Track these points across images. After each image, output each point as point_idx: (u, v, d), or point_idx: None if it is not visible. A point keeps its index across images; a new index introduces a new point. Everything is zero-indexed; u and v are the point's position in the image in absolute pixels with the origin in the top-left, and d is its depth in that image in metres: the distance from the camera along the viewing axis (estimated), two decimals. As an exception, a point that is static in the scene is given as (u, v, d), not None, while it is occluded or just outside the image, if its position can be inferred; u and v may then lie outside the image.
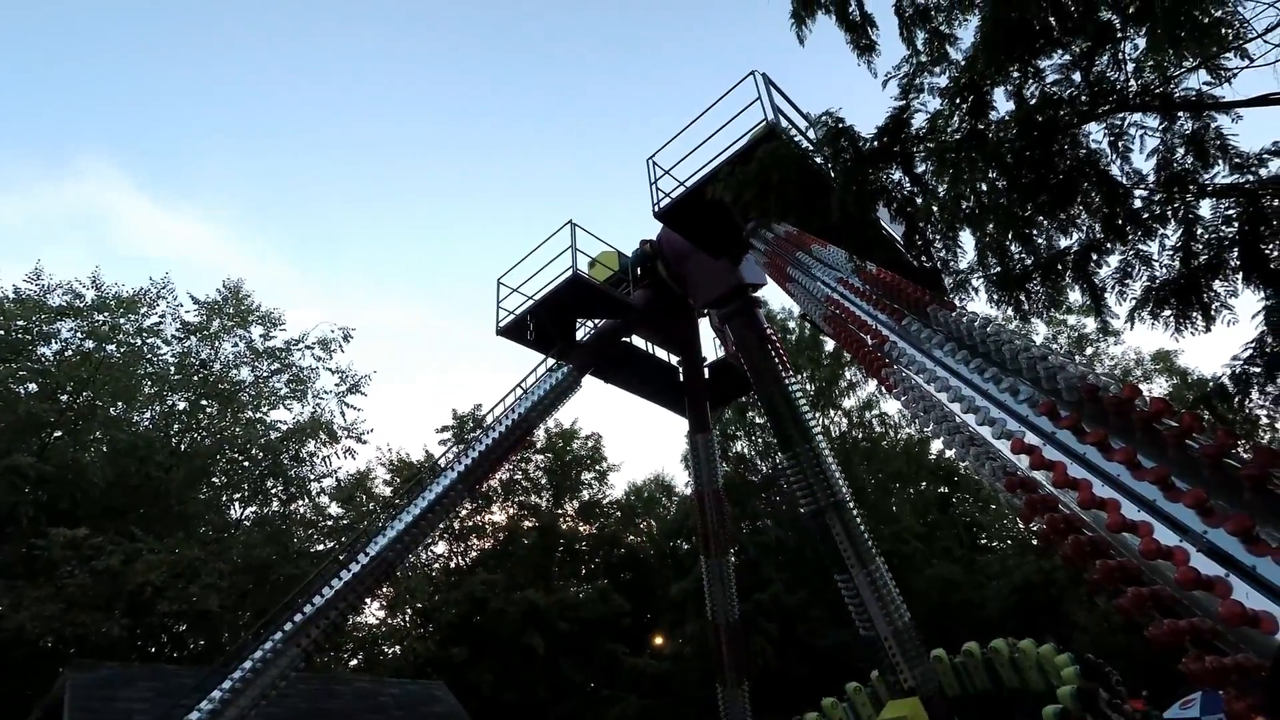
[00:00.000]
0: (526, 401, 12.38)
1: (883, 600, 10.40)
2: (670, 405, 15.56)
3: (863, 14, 7.27)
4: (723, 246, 11.73)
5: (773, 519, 29.05)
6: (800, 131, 9.36)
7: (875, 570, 10.59)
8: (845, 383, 30.33)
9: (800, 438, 11.57)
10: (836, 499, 11.03)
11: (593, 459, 33.72)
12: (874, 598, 10.37)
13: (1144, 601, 2.76)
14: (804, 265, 7.99)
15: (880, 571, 10.65)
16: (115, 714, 11.58)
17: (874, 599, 10.37)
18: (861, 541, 10.85)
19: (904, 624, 10.32)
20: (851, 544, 10.78)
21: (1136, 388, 3.30)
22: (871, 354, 5.55)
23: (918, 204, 5.89)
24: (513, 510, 31.42)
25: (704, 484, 14.94)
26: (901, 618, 10.38)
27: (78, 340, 20.04)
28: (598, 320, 13.88)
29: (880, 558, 10.91)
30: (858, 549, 10.73)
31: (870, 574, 10.52)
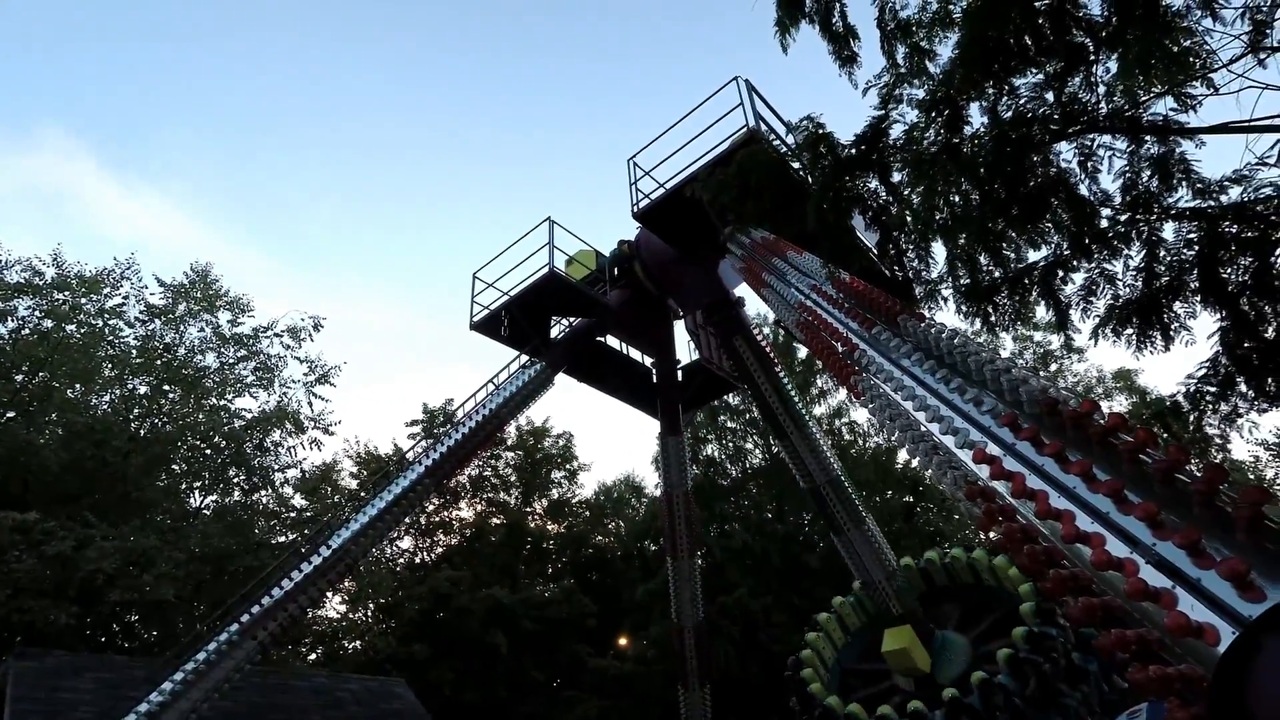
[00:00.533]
0: (498, 397, 12.31)
1: (875, 551, 12.34)
2: (643, 407, 15.58)
3: (846, 25, 7.35)
4: (700, 250, 11.78)
5: (741, 523, 29.22)
6: (780, 138, 9.43)
7: (867, 529, 12.47)
8: (816, 390, 30.61)
9: (794, 426, 12.89)
10: (831, 477, 12.73)
11: (563, 458, 33.60)
12: (868, 550, 12.33)
13: (1094, 611, 2.82)
14: (779, 271, 8.05)
15: (871, 529, 12.53)
16: (60, 704, 11.25)
17: (868, 551, 12.33)
18: (854, 508, 12.60)
19: (893, 567, 12.34)
20: (846, 511, 12.53)
21: (1094, 403, 3.37)
22: (842, 361, 5.61)
23: (893, 213, 5.96)
24: (481, 507, 31.18)
25: (674, 486, 14.98)
26: (891, 563, 12.38)
27: (36, 319, 19.46)
28: (573, 319, 13.84)
29: (870, 516, 12.82)
30: (851, 514, 12.53)
31: (863, 532, 12.43)
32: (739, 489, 30.91)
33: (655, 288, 13.51)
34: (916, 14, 7.28)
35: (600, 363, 14.75)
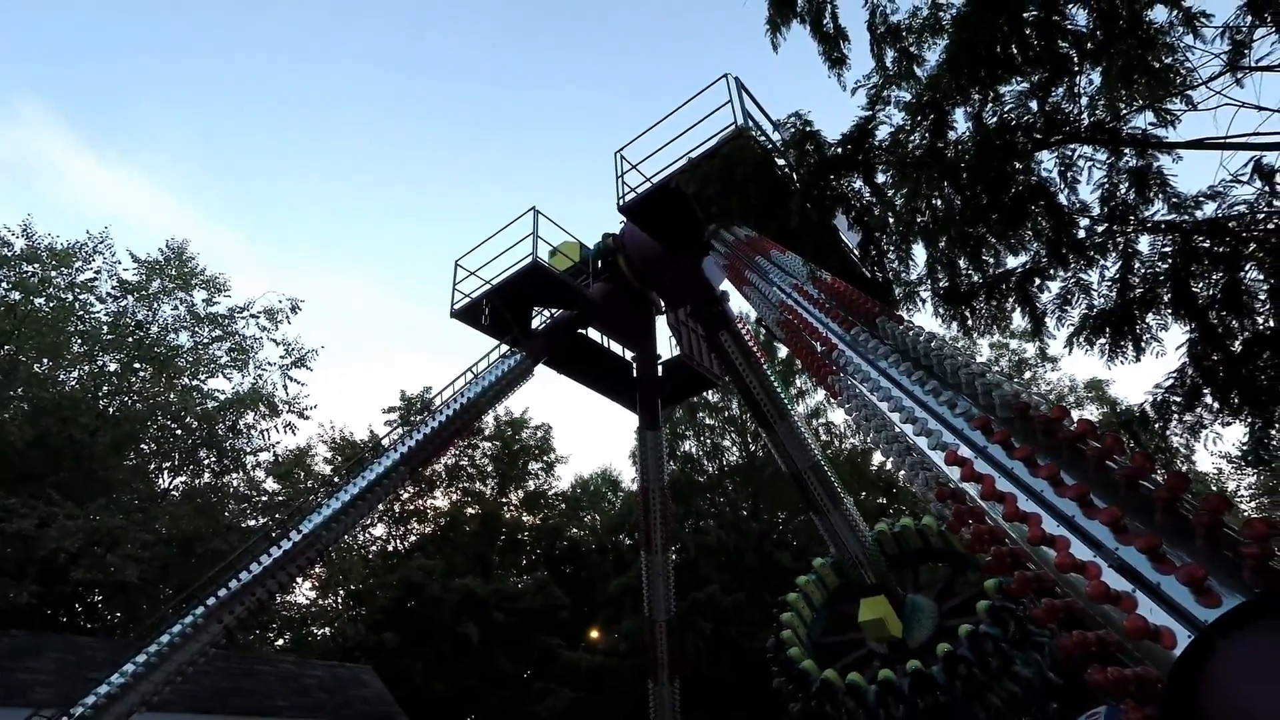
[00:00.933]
0: (476, 386, 12.22)
1: (853, 529, 12.98)
2: (622, 400, 15.56)
3: (836, 27, 7.37)
4: (684, 246, 11.76)
5: (716, 520, 29.35)
6: (767, 136, 9.45)
7: (845, 510, 13.10)
8: (795, 390, 30.79)
9: (778, 416, 13.37)
10: (812, 462, 13.25)
11: (541, 449, 33.51)
12: (846, 528, 12.97)
13: (1056, 612, 2.86)
14: (762, 270, 8.06)
15: (849, 509, 13.19)
16: (17, 684, 11.03)
17: (846, 529, 12.97)
18: (834, 491, 13.17)
19: (869, 542, 13.03)
20: (826, 494, 13.13)
21: (1065, 408, 3.42)
22: (820, 361, 5.64)
23: (875, 214, 6.00)
24: (456, 496, 31.02)
25: (650, 481, 14.99)
26: (866, 539, 13.05)
27: (2, 291, 19.00)
28: (554, 310, 13.78)
29: (849, 498, 13.44)
30: (831, 496, 13.14)
31: (842, 513, 13.04)
32: (715, 486, 31.03)
33: (638, 282, 13.48)
34: (907, 19, 7.33)
35: (581, 355, 14.68)
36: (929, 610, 12.10)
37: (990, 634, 10.29)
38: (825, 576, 14.15)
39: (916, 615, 12.11)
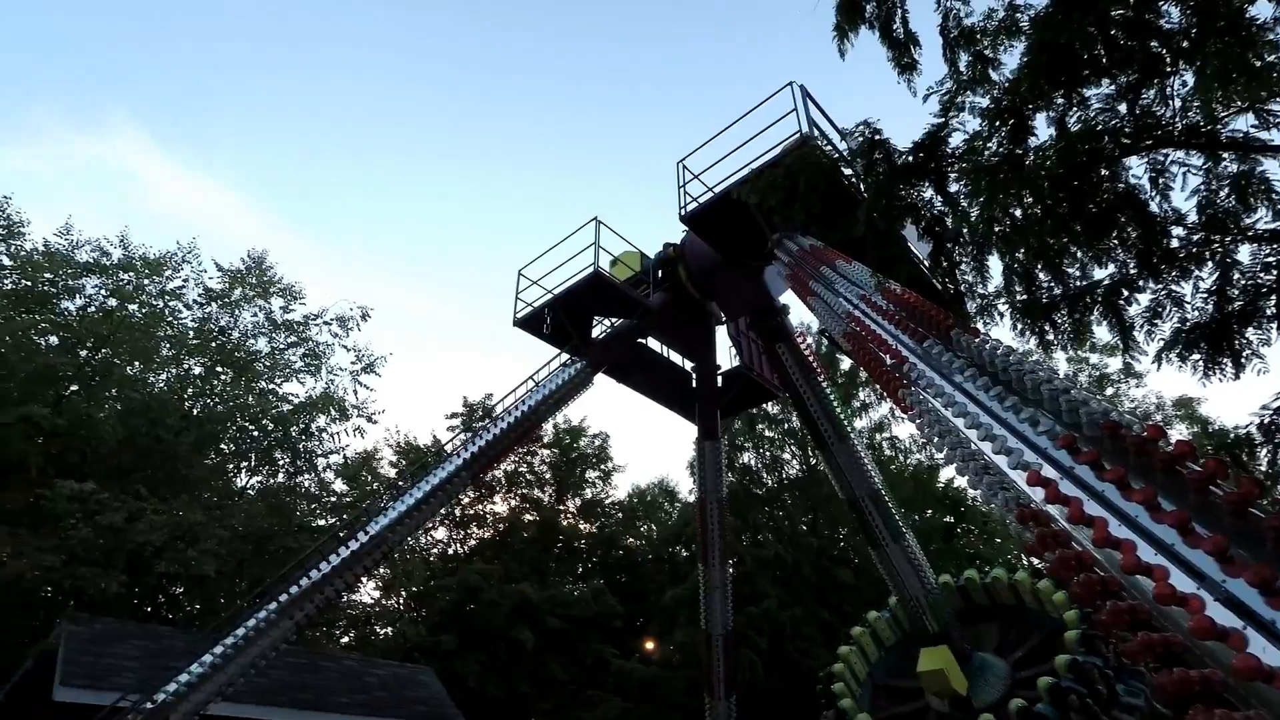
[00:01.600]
0: (537, 394, 12.37)
1: (915, 567, 12.03)
2: (680, 410, 15.50)
3: (906, 32, 7.19)
4: (746, 256, 11.67)
5: (774, 534, 28.89)
6: (833, 144, 9.28)
7: (906, 544, 12.12)
8: (859, 403, 30.09)
9: (836, 437, 12.73)
10: (871, 490, 12.40)
11: (598, 458, 33.70)
12: (907, 566, 12.00)
13: (1153, 647, 2.67)
14: (827, 280, 7.92)
15: (911, 544, 12.20)
16: (105, 669, 11.67)
17: (907, 567, 12.00)
18: (894, 522, 12.26)
19: (932, 584, 11.99)
20: (886, 525, 12.20)
21: (1161, 428, 3.21)
22: (889, 374, 5.48)
23: (948, 223, 5.80)
24: (514, 502, 31.46)
25: (708, 492, 14.85)
26: (930, 580, 12.02)
27: (101, 297, 20.32)
28: (615, 319, 13.85)
29: (909, 532, 12.42)
30: (891, 528, 12.19)
31: (902, 547, 12.09)
32: (773, 499, 30.57)
33: (699, 292, 13.43)
34: (982, 21, 7.10)
35: (640, 364, 14.71)
36: (1000, 670, 10.87)
37: (1092, 662, 9.42)
38: (880, 631, 13.14)
39: (985, 674, 10.90)
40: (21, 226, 19.42)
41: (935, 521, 30.46)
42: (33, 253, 19.46)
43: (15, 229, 19.28)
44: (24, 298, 18.92)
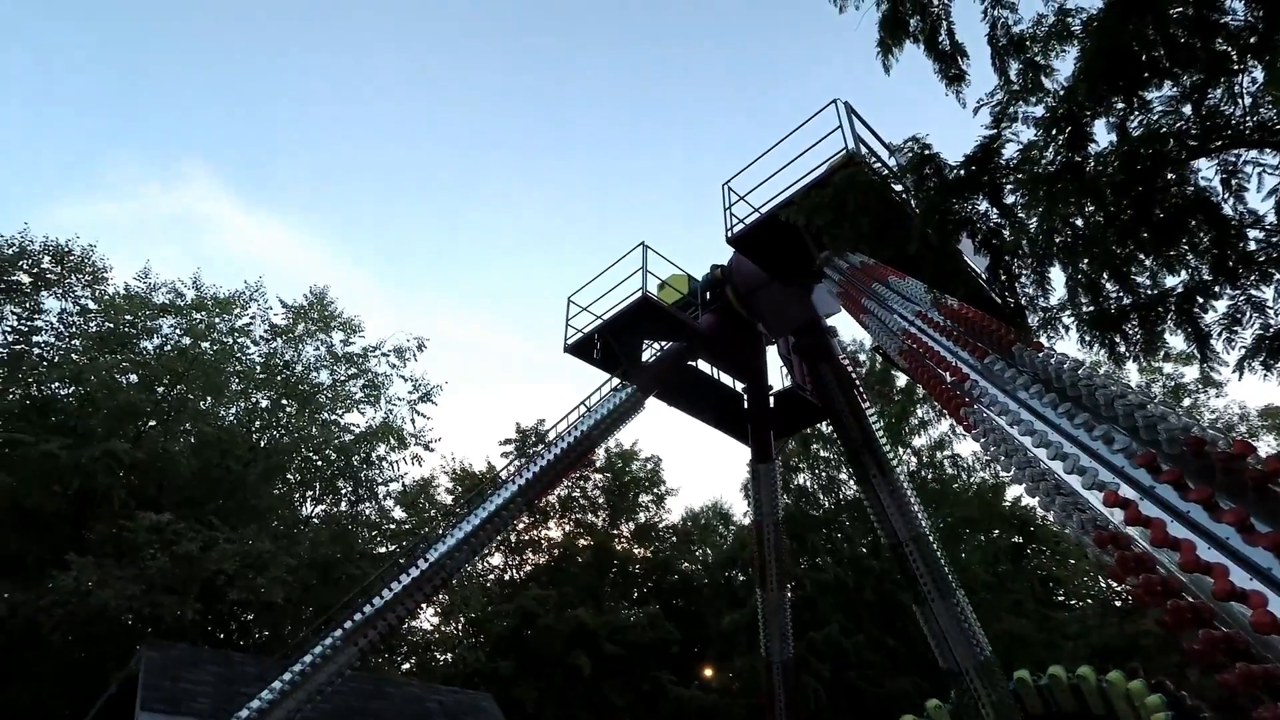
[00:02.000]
0: (589, 420, 12.44)
1: (964, 632, 10.37)
2: (733, 433, 15.36)
3: (953, 43, 7.10)
4: (795, 275, 11.58)
5: (833, 557, 28.20)
6: (881, 160, 9.18)
7: (956, 603, 10.58)
8: (916, 420, 29.29)
9: (878, 470, 11.76)
10: (916, 533, 11.18)
11: (651, 481, 33.58)
12: (956, 630, 10.38)
13: (1254, 679, 2.50)
14: (880, 297, 7.78)
15: (962, 604, 10.67)
16: (182, 694, 12.10)
17: (956, 631, 10.38)
18: (941, 574, 10.84)
19: (986, 657, 10.37)
20: (931, 577, 10.81)
21: (1249, 444, 3.03)
22: (950, 392, 5.32)
23: (1005, 236, 5.64)
24: (569, 527, 31.55)
25: (764, 515, 14.62)
26: (984, 651, 10.41)
27: (176, 336, 21.41)
28: (664, 342, 13.88)
29: (960, 590, 10.92)
30: (938, 581, 10.76)
31: (950, 606, 10.54)
32: (831, 520, 29.88)
33: (747, 312, 13.37)
34: (1031, 28, 6.96)
35: (690, 387, 14.67)
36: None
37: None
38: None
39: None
40: (105, 273, 20.70)
41: (1002, 542, 29.25)
42: (115, 296, 20.69)
43: (99, 275, 20.56)
44: (107, 339, 20.09)
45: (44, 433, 16.71)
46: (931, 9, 6.69)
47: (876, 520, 11.96)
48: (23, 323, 18.72)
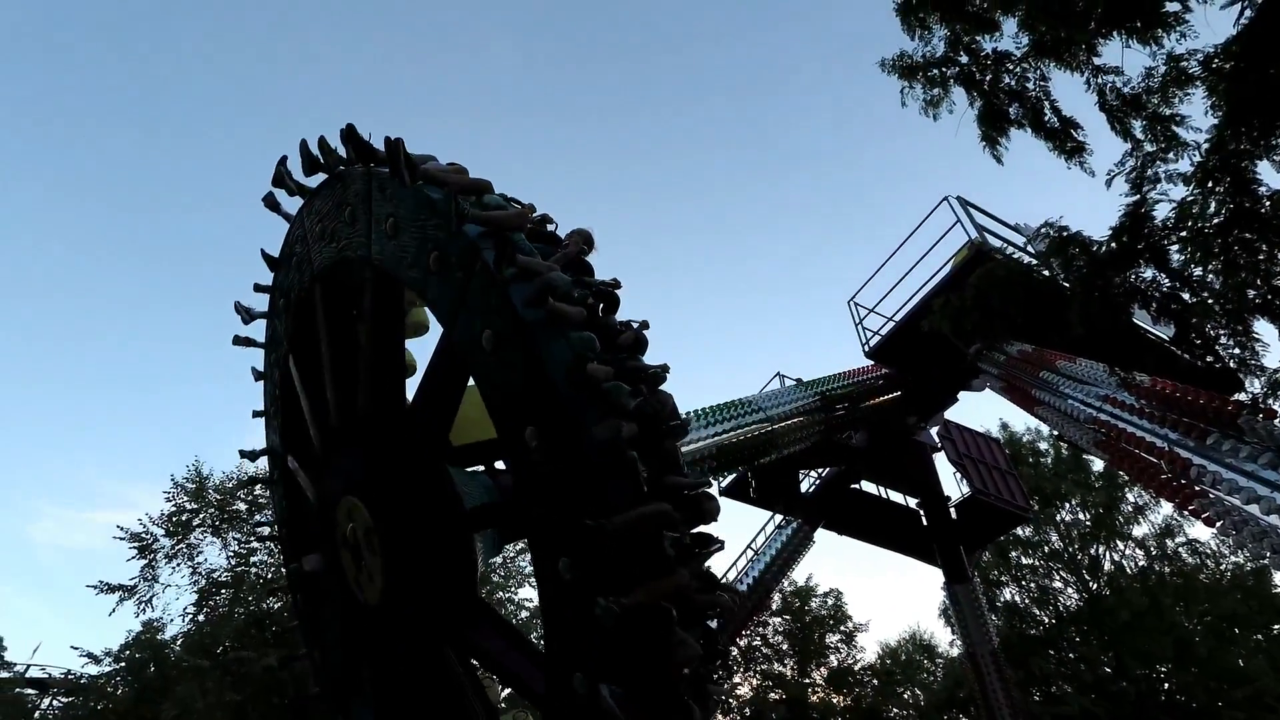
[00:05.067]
0: (759, 563, 11.96)
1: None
2: (916, 554, 14.11)
3: (1061, 119, 6.93)
4: (944, 375, 11.00)
5: (1071, 683, 24.06)
6: (1014, 245, 8.82)
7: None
8: (1130, 506, 25.52)
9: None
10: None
11: (835, 618, 30.93)
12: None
13: None
14: (1050, 385, 7.17)
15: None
16: None
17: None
18: None
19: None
20: None
21: None
22: (1171, 482, 4.65)
23: (1185, 300, 5.10)
24: (756, 680, 29.33)
25: (975, 644, 12.94)
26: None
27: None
28: (821, 469, 13.35)
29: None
30: None
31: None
32: (1054, 639, 25.79)
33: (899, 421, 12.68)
34: (1142, 83, 6.68)
35: (859, 511, 13.81)
36: None
37: None
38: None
39: None
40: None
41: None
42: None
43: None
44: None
45: (262, 647, 18.22)
46: (1029, 94, 6.63)
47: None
48: (242, 546, 21.13)
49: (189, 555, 20.40)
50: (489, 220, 2.91)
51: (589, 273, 3.17)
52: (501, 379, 2.77)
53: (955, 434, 14.00)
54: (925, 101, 6.89)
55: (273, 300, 4.56)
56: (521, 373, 2.65)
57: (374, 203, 3.35)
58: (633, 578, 2.27)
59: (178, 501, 20.72)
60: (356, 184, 3.50)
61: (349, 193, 3.55)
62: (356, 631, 3.87)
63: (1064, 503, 26.19)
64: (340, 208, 3.62)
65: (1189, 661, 22.83)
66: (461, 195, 3.05)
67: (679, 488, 2.66)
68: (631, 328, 3.02)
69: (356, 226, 3.49)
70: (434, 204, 3.02)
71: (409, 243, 3.18)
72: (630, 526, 2.31)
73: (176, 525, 20.42)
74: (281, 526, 4.94)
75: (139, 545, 19.44)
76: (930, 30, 6.62)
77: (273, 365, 4.61)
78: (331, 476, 3.96)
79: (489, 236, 2.86)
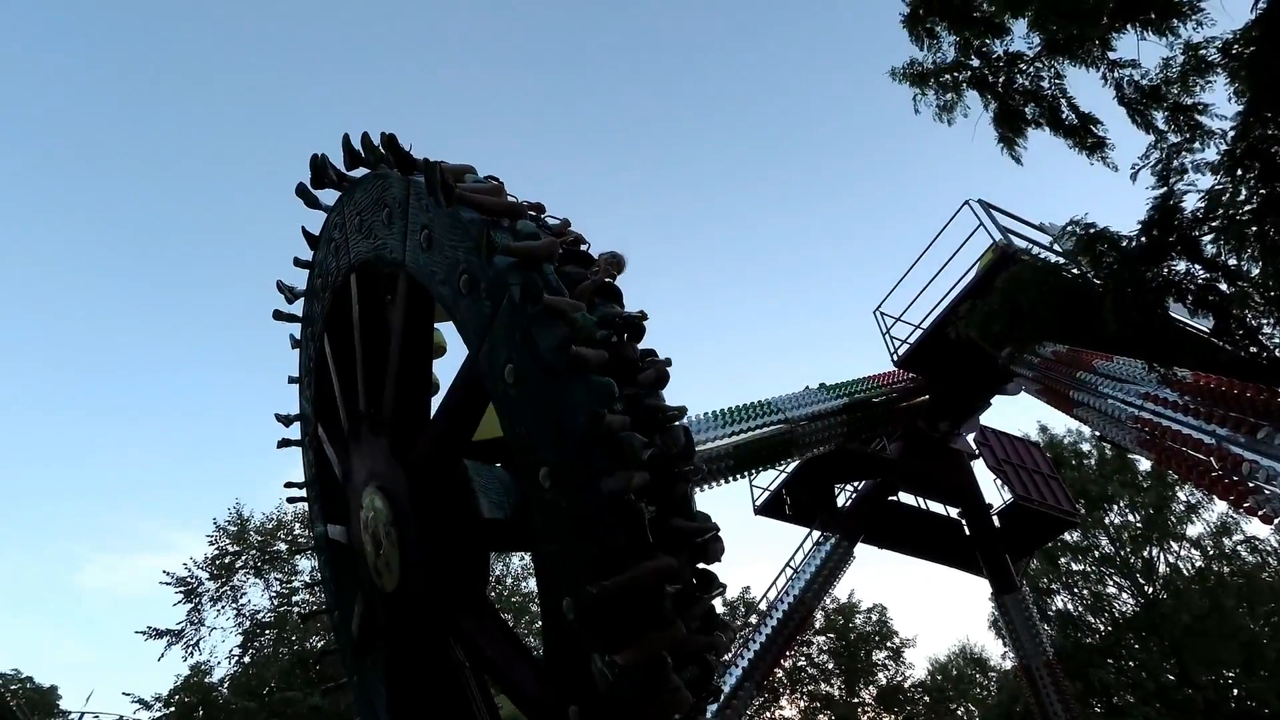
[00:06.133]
0: (799, 581, 11.74)
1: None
2: (961, 565, 13.74)
3: (1079, 116, 6.85)
4: (976, 380, 10.80)
5: (1133, 693, 23.14)
6: (1040, 245, 8.69)
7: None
8: (1181, 506, 24.64)
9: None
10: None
11: (880, 635, 30.23)
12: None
13: None
14: (1088, 385, 7.00)
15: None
16: None
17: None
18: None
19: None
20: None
21: None
22: (1222, 479, 4.49)
23: (1222, 290, 4.96)
24: (803, 703, 28.69)
25: (1028, 655, 12.54)
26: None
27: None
28: (857, 483, 13.13)
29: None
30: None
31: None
32: (1112, 647, 24.87)
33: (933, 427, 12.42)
34: (1160, 74, 6.58)
35: (898, 523, 13.51)
36: None
37: None
38: None
39: None
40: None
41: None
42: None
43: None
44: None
45: (307, 686, 18.34)
46: (1045, 93, 6.57)
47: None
48: (284, 586, 21.37)
49: (233, 597, 20.68)
50: (519, 252, 2.97)
51: (618, 298, 3.22)
52: (519, 413, 2.85)
53: (992, 439, 13.70)
54: (939, 107, 6.86)
55: (311, 277, 4.88)
56: (539, 411, 2.72)
57: (411, 210, 3.49)
58: (631, 630, 2.36)
59: (220, 544, 21.06)
60: (395, 189, 3.64)
61: (388, 195, 3.71)
62: (372, 608, 4.12)
63: (1112, 505, 25.40)
64: (379, 206, 3.79)
65: (1258, 665, 21.81)
66: (496, 219, 3.14)
67: (687, 533, 2.73)
68: (654, 361, 3.06)
69: (393, 230, 3.63)
70: (467, 227, 3.10)
71: (441, 259, 3.29)
72: (631, 585, 2.39)
73: (220, 568, 20.74)
74: (309, 487, 5.24)
75: (185, 589, 19.77)
76: (938, 38, 6.61)
77: (309, 339, 4.92)
78: (357, 458, 4.20)
79: (519, 269, 2.92)
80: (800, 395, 10.80)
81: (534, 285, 2.83)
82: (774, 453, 9.79)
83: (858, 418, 11.01)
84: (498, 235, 3.03)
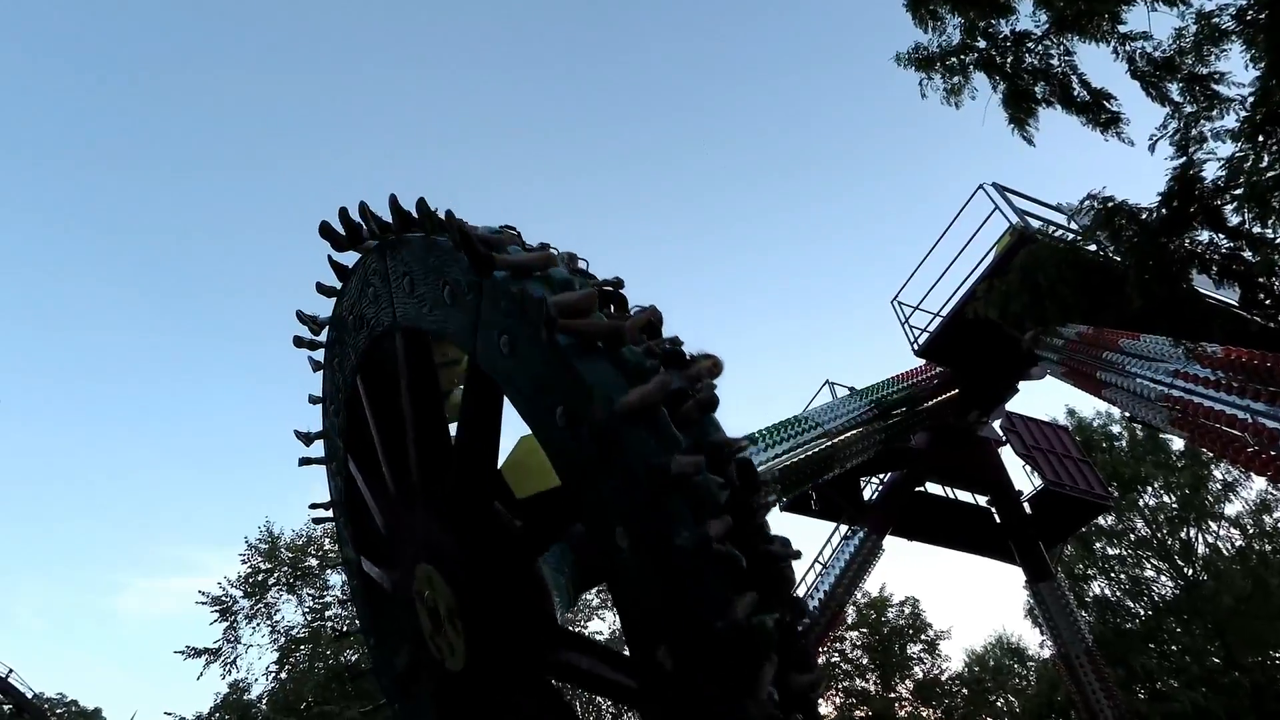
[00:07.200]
0: (829, 577, 11.63)
1: None
2: (994, 554, 13.55)
3: (1092, 92, 6.75)
4: (1000, 367, 10.65)
5: (1178, 678, 22.63)
6: (1058, 225, 8.56)
7: None
8: (1218, 485, 24.08)
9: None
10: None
11: (914, 627, 29.85)
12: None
13: None
14: (1115, 365, 6.87)
15: None
16: None
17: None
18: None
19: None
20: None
21: None
22: (1260, 455, 4.38)
23: (1248, 259, 4.84)
24: (839, 699, 28.40)
25: (1067, 643, 12.30)
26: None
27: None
28: (883, 475, 13.00)
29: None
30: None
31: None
32: (1153, 633, 24.36)
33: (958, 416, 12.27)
34: (1173, 45, 6.47)
35: (927, 514, 13.35)
36: None
37: None
38: None
39: None
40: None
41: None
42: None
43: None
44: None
45: (344, 700, 18.51)
46: (1055, 71, 6.48)
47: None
48: (316, 601, 21.61)
49: (268, 614, 20.94)
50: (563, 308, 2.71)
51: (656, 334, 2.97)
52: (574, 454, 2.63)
53: (1020, 426, 13.51)
54: (946, 91, 6.79)
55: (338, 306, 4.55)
56: (599, 460, 2.49)
57: (484, 309, 3.21)
58: (739, 674, 2.10)
59: (253, 563, 21.34)
60: (454, 270, 3.29)
61: (447, 273, 3.46)
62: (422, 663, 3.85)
63: (1146, 487, 24.92)
64: (433, 276, 3.53)
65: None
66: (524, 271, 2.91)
67: (774, 559, 2.49)
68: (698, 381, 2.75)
69: (456, 312, 3.32)
70: (567, 365, 2.76)
71: (525, 374, 2.99)
72: (739, 630, 2.13)
73: (253, 586, 21.01)
74: (335, 508, 4.98)
75: (220, 608, 20.06)
76: (942, 20, 6.55)
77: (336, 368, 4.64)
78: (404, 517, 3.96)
79: (575, 341, 2.68)
80: (834, 405, 10.68)
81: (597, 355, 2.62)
82: (817, 470, 9.64)
83: (895, 425, 10.95)
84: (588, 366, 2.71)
